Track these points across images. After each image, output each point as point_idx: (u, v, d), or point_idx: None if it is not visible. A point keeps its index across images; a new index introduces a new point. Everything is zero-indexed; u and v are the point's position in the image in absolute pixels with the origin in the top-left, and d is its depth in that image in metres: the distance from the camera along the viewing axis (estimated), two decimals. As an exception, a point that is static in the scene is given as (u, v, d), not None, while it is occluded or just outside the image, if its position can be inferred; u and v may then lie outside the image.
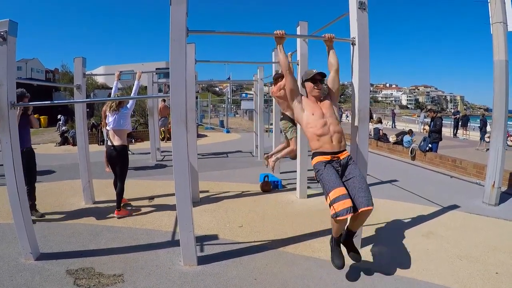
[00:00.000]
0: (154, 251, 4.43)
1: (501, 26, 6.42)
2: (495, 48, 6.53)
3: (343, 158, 3.84)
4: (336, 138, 3.88)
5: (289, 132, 7.09)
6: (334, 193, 3.53)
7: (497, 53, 6.51)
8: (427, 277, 3.88)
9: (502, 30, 6.42)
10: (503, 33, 6.42)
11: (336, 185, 3.59)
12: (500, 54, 6.47)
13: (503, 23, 6.42)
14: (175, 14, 3.59)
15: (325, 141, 3.85)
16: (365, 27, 4.24)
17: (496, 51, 6.52)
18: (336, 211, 3.46)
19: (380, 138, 14.67)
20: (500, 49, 6.45)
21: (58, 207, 6.17)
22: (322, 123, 3.87)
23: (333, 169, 3.74)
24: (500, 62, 6.48)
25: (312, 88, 4.04)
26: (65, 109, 21.26)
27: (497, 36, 6.48)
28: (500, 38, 6.44)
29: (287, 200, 6.77)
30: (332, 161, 3.80)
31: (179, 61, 3.66)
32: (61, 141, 15.04)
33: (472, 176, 9.18)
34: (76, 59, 6.11)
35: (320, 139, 3.86)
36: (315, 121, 3.89)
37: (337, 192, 3.53)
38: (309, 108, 3.97)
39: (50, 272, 3.85)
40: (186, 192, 3.84)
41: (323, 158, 3.82)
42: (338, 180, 3.66)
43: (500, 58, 6.47)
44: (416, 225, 5.48)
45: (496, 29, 6.50)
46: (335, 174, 3.71)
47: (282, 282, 3.74)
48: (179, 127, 3.74)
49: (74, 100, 6.43)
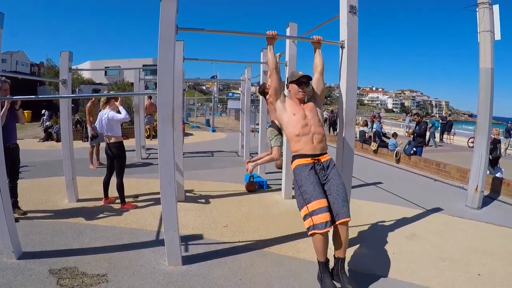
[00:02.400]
0: (138, 250, 4.38)
1: (488, 35, 6.50)
2: (482, 56, 6.62)
3: (324, 161, 3.76)
4: (317, 139, 3.79)
5: (273, 140, 7.15)
6: (313, 205, 3.42)
7: (483, 61, 6.60)
8: (411, 279, 3.91)
9: (489, 38, 6.50)
10: (490, 41, 6.51)
11: (317, 196, 3.47)
12: (486, 62, 6.56)
13: (490, 32, 6.51)
14: (165, 10, 3.56)
15: (305, 141, 3.75)
16: (355, 30, 4.28)
17: (483, 59, 6.61)
18: (315, 223, 3.36)
19: (365, 140, 14.78)
20: (487, 57, 6.55)
21: (41, 204, 6.07)
22: (303, 124, 3.78)
23: (315, 177, 3.63)
24: (486, 70, 6.57)
25: (297, 90, 3.94)
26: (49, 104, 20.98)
27: (484, 45, 6.57)
28: (487, 47, 6.53)
29: (272, 201, 6.77)
30: (314, 164, 3.70)
31: (167, 59, 3.63)
32: (44, 137, 14.83)
33: (455, 180, 9.31)
34: (62, 53, 6.00)
35: (300, 140, 3.75)
36: (296, 122, 3.81)
37: (317, 204, 3.43)
38: (291, 108, 3.90)
39: (33, 271, 3.78)
40: (171, 191, 3.81)
41: (304, 161, 3.71)
42: (319, 190, 3.54)
43: (486, 66, 6.56)
44: (400, 227, 5.53)
45: (483, 38, 6.59)
46: (317, 182, 3.60)
47: (267, 283, 3.73)
48: (165, 125, 3.71)
49: (59, 95, 6.34)
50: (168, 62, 3.63)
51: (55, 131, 14.58)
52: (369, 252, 4.59)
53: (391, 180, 9.21)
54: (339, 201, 3.54)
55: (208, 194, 7.08)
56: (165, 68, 3.64)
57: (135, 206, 6.08)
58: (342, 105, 4.34)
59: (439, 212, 6.40)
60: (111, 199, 6.23)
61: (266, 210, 6.21)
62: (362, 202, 6.75)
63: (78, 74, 27.18)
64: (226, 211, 6.03)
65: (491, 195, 7.82)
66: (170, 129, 3.73)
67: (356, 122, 15.55)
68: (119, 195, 5.98)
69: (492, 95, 6.63)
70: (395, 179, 9.47)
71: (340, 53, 4.34)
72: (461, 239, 5.15)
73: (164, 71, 3.64)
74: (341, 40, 4.29)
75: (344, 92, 4.28)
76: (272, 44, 4.10)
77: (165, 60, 3.62)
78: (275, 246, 4.66)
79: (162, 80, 3.64)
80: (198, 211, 6.00)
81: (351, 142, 4.40)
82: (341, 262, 3.61)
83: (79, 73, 27.44)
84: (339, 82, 4.38)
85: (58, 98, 7.09)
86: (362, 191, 7.75)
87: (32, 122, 22.35)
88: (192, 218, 5.63)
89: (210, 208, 6.18)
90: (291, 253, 4.47)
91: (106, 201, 6.19)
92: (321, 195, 3.49)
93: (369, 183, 8.50)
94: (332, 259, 3.68)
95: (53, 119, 17.41)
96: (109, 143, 5.99)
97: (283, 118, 3.94)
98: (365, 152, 14.33)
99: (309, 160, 3.71)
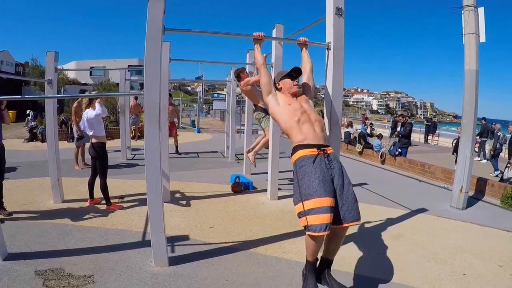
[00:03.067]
0: (124, 251, 4.36)
1: (473, 37, 6.61)
2: (467, 58, 6.72)
3: (331, 154, 3.38)
4: (319, 127, 3.45)
5: (263, 122, 7.17)
6: (311, 203, 3.00)
7: (468, 63, 6.70)
8: (396, 279, 3.96)
9: (474, 41, 6.61)
10: (475, 44, 6.62)
11: (319, 193, 3.02)
12: (471, 64, 6.66)
13: (476, 34, 6.61)
14: (152, 11, 3.55)
15: (308, 129, 3.38)
16: (341, 32, 4.30)
17: (468, 60, 6.71)
18: (309, 224, 2.98)
19: (350, 141, 14.88)
20: (472, 59, 6.65)
21: (26, 205, 6.00)
22: (302, 111, 3.49)
23: (323, 170, 3.19)
24: (471, 71, 6.67)
25: (291, 84, 3.68)
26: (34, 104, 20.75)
27: (469, 47, 6.67)
28: (472, 49, 6.63)
29: (258, 201, 6.79)
30: (320, 156, 3.27)
31: (154, 59, 3.62)
32: (29, 137, 14.64)
33: (440, 181, 9.43)
34: (48, 53, 5.94)
35: (302, 128, 3.39)
36: (293, 110, 3.50)
37: (317, 202, 2.99)
38: (285, 100, 3.63)
39: (19, 272, 3.74)
40: (157, 192, 3.80)
41: (309, 152, 3.28)
42: (324, 186, 3.07)
43: (471, 68, 6.66)
44: (385, 228, 5.59)
45: (468, 40, 6.69)
46: (323, 178, 3.13)
47: (254, 283, 3.74)
48: (152, 126, 3.70)
49: (45, 96, 6.28)
50: (155, 62, 3.63)
51: (40, 132, 14.42)
52: (354, 253, 4.62)
53: (376, 181, 9.30)
54: (349, 201, 3.25)
55: (194, 195, 7.06)
56: (152, 69, 3.63)
57: (121, 207, 6.05)
58: (328, 106, 4.37)
59: (424, 213, 6.48)
60: (97, 200, 6.19)
61: (252, 211, 6.23)
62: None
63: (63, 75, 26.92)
64: (212, 212, 6.03)
65: (475, 196, 7.95)
66: (156, 130, 3.72)
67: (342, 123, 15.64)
68: (103, 196, 5.96)
69: (477, 97, 6.74)
70: (380, 180, 9.56)
71: (326, 55, 4.37)
72: (446, 239, 5.23)
73: (151, 71, 3.63)
74: (327, 42, 4.32)
75: (330, 93, 4.31)
76: (259, 44, 4.07)
77: (152, 60, 3.62)
78: (261, 247, 4.67)
79: (149, 81, 3.63)
80: (184, 212, 6.00)
81: (337, 143, 4.43)
82: (331, 264, 3.44)
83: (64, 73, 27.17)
84: (325, 83, 4.40)
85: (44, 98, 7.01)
86: (348, 192, 7.75)
87: (17, 122, 22.05)
88: (178, 219, 5.62)
89: (196, 209, 6.17)
90: (278, 254, 4.49)
91: (92, 202, 6.14)
92: (325, 193, 3.03)
93: (354, 184, 8.42)
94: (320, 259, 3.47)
95: (38, 119, 17.21)
96: (92, 142, 5.97)
97: (277, 110, 3.62)
98: (350, 153, 14.43)
99: (315, 150, 3.29)
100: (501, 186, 7.77)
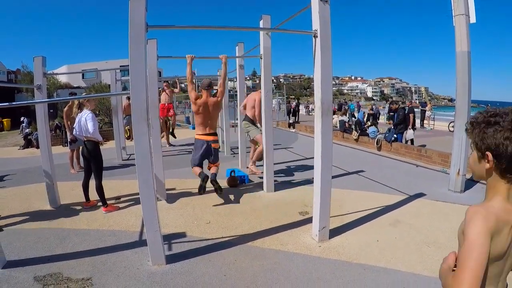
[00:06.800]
0: (122, 252, 4.36)
1: (463, 18, 6.57)
2: (458, 39, 6.69)
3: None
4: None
5: (252, 131, 7.27)
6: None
7: (459, 45, 6.67)
8: (396, 265, 3.96)
9: (465, 21, 6.57)
10: (465, 24, 6.57)
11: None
12: (462, 46, 6.63)
13: (465, 15, 6.57)
14: (133, 9, 3.51)
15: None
16: (327, 19, 4.27)
17: (459, 42, 6.67)
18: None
19: (346, 130, 14.84)
20: (463, 40, 6.61)
21: (23, 212, 5.97)
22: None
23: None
24: (462, 53, 6.64)
25: None
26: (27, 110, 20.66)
27: (459, 28, 6.64)
28: (462, 30, 6.59)
29: (254, 195, 6.79)
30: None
31: (138, 57, 3.59)
32: (24, 144, 14.57)
33: (437, 165, 9.42)
34: (35, 58, 5.91)
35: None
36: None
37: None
38: None
39: (18, 279, 3.73)
40: (150, 190, 3.78)
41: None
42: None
43: (462, 49, 6.63)
44: (383, 214, 5.58)
45: (458, 21, 6.65)
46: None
47: (251, 277, 3.74)
48: (140, 125, 3.67)
49: (34, 101, 6.24)
50: (139, 60, 3.59)
51: (34, 138, 14.33)
52: (353, 241, 4.62)
53: (373, 167, 9.28)
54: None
55: (190, 191, 7.05)
56: (137, 67, 3.59)
57: (117, 208, 6.03)
58: (318, 95, 4.34)
59: (422, 198, 6.47)
60: (93, 202, 6.16)
61: (248, 204, 6.22)
62: (344, 191, 6.79)
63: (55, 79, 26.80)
64: (209, 208, 6.04)
65: (473, 178, 7.91)
66: (145, 128, 3.69)
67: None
68: (99, 198, 5.94)
69: (470, 78, 6.71)
70: (377, 166, 9.55)
71: (313, 43, 4.34)
72: (445, 223, 5.20)
73: (136, 70, 3.59)
74: (314, 30, 4.28)
75: (319, 81, 4.28)
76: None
77: (136, 59, 3.58)
78: (258, 240, 4.67)
79: (134, 79, 3.60)
80: (180, 209, 5.99)
81: (328, 131, 4.41)
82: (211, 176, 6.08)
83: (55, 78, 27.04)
84: (314, 72, 4.38)
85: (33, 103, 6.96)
86: (345, 180, 7.80)
87: (12, 130, 22.03)
88: (174, 217, 5.62)
89: (192, 206, 6.17)
90: (275, 246, 4.48)
91: (88, 205, 6.12)
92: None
93: (351, 172, 8.55)
94: None
95: (32, 125, 17.14)
96: (85, 142, 5.92)
97: None
98: (346, 141, 14.39)
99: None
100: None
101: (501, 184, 1.41)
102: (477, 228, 1.31)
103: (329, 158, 4.43)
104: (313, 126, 4.97)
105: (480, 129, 1.39)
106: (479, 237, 1.29)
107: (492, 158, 1.37)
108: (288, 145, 13.50)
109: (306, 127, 18.74)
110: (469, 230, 1.34)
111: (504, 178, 1.39)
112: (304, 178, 7.86)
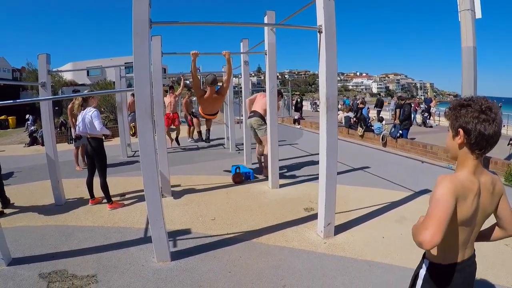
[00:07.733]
0: (127, 249, 4.36)
1: (469, 14, 6.52)
2: (463, 35, 6.65)
3: None
4: None
5: (262, 130, 7.31)
6: None
7: (465, 40, 6.63)
8: (401, 262, 3.93)
9: (470, 17, 6.52)
10: (471, 20, 6.53)
11: None
12: (468, 41, 6.59)
13: (471, 10, 6.52)
14: (137, 5, 3.50)
15: None
16: (332, 14, 4.24)
17: (464, 38, 6.64)
18: None
19: (351, 126, 14.81)
20: (468, 36, 6.57)
21: (29, 209, 5.99)
22: None
23: None
24: (468, 48, 6.60)
25: None
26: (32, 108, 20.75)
27: (465, 23, 6.60)
28: (468, 25, 6.55)
29: (259, 191, 6.76)
30: None
31: (142, 54, 3.57)
32: (30, 142, 14.62)
33: (443, 161, 9.38)
34: (40, 55, 5.92)
35: None
36: None
37: None
38: None
39: (23, 277, 3.74)
40: (154, 187, 3.78)
41: None
42: None
43: (468, 45, 6.59)
44: (389, 211, 5.56)
45: (464, 16, 6.61)
46: None
47: (256, 274, 3.73)
48: (144, 121, 3.67)
49: (38, 98, 6.26)
50: (143, 57, 3.58)
51: (40, 135, 14.38)
52: (358, 238, 4.60)
53: (379, 164, 9.24)
54: None
55: (195, 188, 7.05)
56: (141, 64, 3.58)
57: (122, 205, 6.03)
58: (323, 91, 4.31)
59: (428, 194, 6.39)
60: (98, 199, 6.17)
61: (254, 200, 6.21)
62: (350, 188, 6.77)
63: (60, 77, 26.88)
64: (214, 204, 6.02)
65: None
66: (149, 125, 3.69)
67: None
68: (104, 195, 5.93)
69: (476, 74, 6.66)
70: (382, 162, 9.51)
71: (318, 38, 4.31)
72: (450, 219, 5.15)
73: (140, 66, 3.58)
74: (318, 25, 4.26)
75: (324, 77, 4.26)
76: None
77: (140, 55, 3.57)
78: (264, 236, 4.65)
79: (138, 76, 3.59)
80: (185, 206, 5.98)
81: (334, 127, 4.38)
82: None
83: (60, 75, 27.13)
84: (319, 67, 4.35)
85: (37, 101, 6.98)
86: (350, 176, 7.79)
87: (17, 127, 22.11)
88: (180, 213, 5.61)
89: (197, 202, 6.16)
90: (280, 243, 4.47)
91: (93, 202, 6.12)
92: None
93: (357, 168, 8.52)
94: None
95: (37, 123, 17.19)
96: (89, 138, 5.88)
97: None
98: (352, 137, 14.36)
99: None
100: (504, 164, 7.72)
101: (470, 159, 1.66)
102: (443, 189, 1.56)
103: (334, 154, 4.41)
104: (318, 122, 4.95)
105: (456, 111, 1.67)
106: (444, 194, 1.54)
107: (463, 133, 1.63)
108: (293, 141, 13.47)
109: (311, 123, 18.69)
110: (436, 190, 1.58)
111: (473, 154, 1.65)
112: (309, 174, 7.83)
